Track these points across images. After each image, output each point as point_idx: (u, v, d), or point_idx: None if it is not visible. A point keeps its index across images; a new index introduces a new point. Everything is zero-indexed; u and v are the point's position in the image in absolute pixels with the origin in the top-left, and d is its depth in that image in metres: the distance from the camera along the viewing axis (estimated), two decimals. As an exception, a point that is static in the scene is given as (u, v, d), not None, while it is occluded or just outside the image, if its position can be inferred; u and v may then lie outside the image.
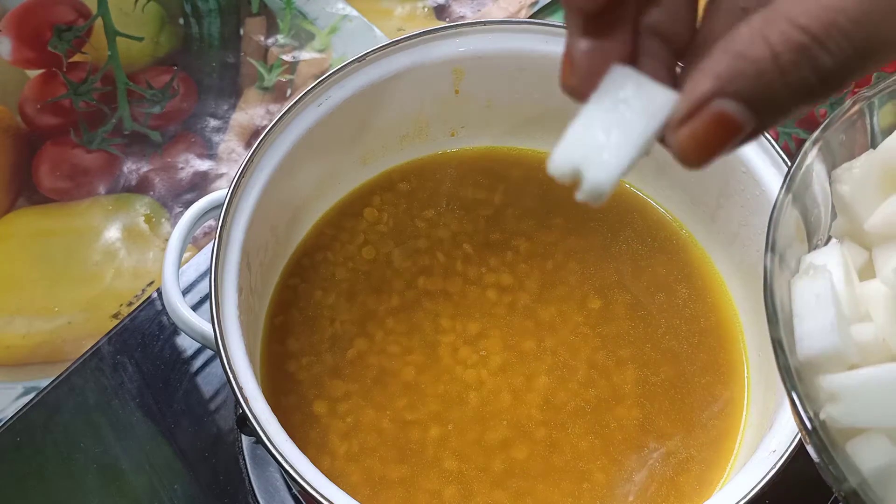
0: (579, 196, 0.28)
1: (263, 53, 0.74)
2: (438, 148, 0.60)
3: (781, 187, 0.36)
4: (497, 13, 0.75)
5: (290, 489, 0.54)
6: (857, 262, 0.36)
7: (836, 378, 0.32)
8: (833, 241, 0.38)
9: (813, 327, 0.33)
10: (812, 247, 0.38)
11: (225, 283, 0.47)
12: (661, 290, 0.55)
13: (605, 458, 0.50)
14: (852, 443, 0.32)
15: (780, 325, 0.33)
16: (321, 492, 0.41)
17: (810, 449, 0.33)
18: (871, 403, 0.32)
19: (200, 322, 0.48)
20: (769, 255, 0.35)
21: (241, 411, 0.43)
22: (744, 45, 0.25)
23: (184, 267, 0.62)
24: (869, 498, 0.32)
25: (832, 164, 0.38)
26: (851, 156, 0.38)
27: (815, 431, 0.32)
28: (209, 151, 0.70)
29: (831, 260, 0.35)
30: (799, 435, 0.43)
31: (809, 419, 0.32)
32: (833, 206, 0.37)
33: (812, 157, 0.37)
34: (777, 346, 0.33)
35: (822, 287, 0.34)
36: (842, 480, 0.32)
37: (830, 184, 0.37)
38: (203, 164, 0.69)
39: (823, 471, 0.32)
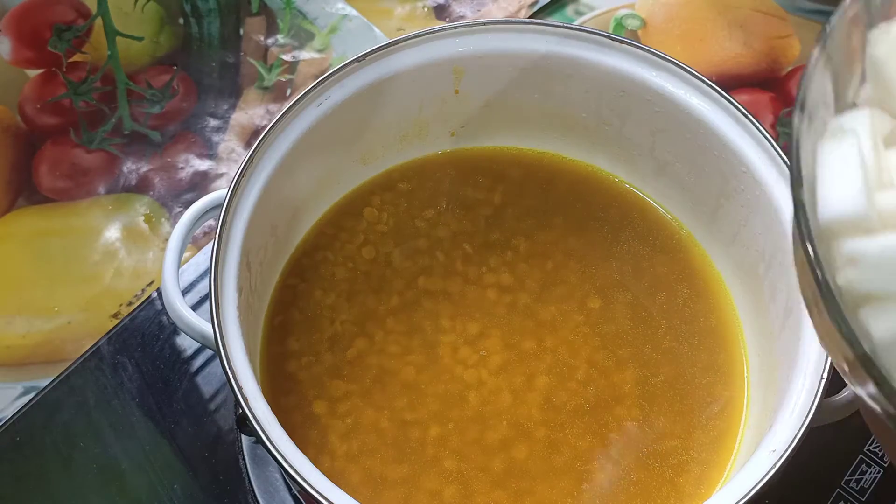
0: None
1: (263, 53, 0.74)
2: (438, 148, 0.60)
3: (816, 44, 0.35)
4: (497, 13, 0.75)
5: (289, 489, 0.54)
6: (883, 131, 0.35)
7: (858, 242, 0.31)
8: (862, 106, 0.36)
9: (837, 190, 0.32)
10: (839, 113, 0.37)
11: (225, 283, 0.47)
12: (662, 290, 0.55)
13: (604, 458, 0.50)
14: (866, 310, 0.32)
15: (804, 188, 0.32)
16: (321, 492, 0.41)
17: (824, 314, 0.32)
18: (891, 269, 0.31)
19: (200, 322, 0.48)
20: (798, 113, 0.33)
21: (240, 411, 0.43)
22: None
23: (184, 267, 0.62)
24: (881, 363, 0.31)
25: (869, 24, 0.35)
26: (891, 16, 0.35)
27: (832, 293, 0.31)
28: (209, 151, 0.70)
29: (860, 124, 0.34)
30: (799, 436, 0.43)
31: (826, 281, 0.31)
32: (863, 72, 0.35)
33: (849, 14, 0.35)
34: (800, 208, 0.32)
35: (849, 150, 0.33)
36: (854, 344, 0.31)
37: (865, 46, 0.35)
38: (203, 164, 0.69)
39: (831, 338, 0.32)
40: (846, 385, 0.47)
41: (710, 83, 0.52)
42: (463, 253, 0.56)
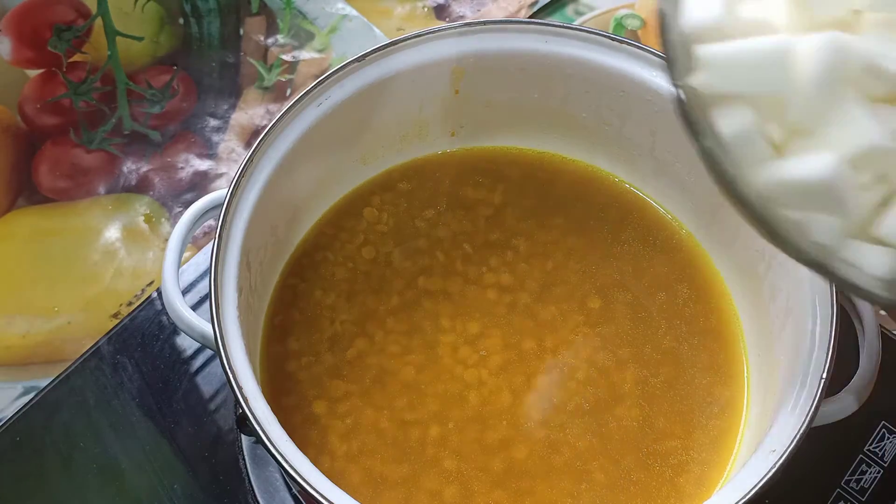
0: None
1: (263, 53, 0.75)
2: (438, 148, 0.60)
3: None
4: (497, 13, 0.75)
5: (289, 489, 0.54)
6: None
7: (710, 47, 0.34)
8: None
9: (701, 1, 0.35)
10: None
11: (225, 283, 0.47)
12: (662, 290, 0.55)
13: (604, 458, 0.50)
14: (718, 110, 0.34)
15: None
16: (321, 492, 0.41)
17: (679, 114, 0.35)
18: (738, 72, 0.34)
19: (200, 322, 0.48)
20: None
21: (240, 411, 0.44)
22: None
23: (184, 267, 0.62)
24: (722, 159, 0.34)
25: None
26: None
27: (683, 92, 0.34)
28: (209, 151, 0.70)
29: None
30: (799, 436, 0.43)
31: (680, 83, 0.34)
32: None
33: None
34: (662, 16, 0.35)
35: None
36: (702, 137, 0.34)
37: None
38: (203, 164, 0.69)
39: (691, 137, 0.35)
40: (846, 385, 0.47)
41: (710, 83, 0.52)
42: (463, 253, 0.56)
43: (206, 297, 0.61)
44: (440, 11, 0.76)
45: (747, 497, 0.41)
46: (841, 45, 0.32)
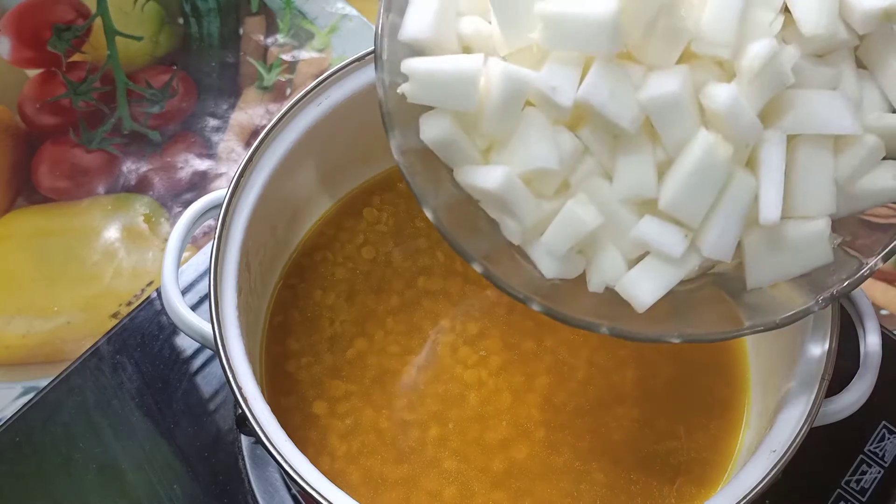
0: None
1: (263, 53, 0.74)
2: (438, 148, 0.60)
3: None
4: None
5: (289, 489, 0.54)
6: None
7: (412, 61, 0.37)
8: None
9: (417, 15, 0.38)
10: None
11: (224, 283, 0.47)
12: (661, 289, 0.55)
13: (604, 458, 0.50)
14: (424, 116, 0.38)
15: (393, 11, 0.38)
16: (321, 492, 0.41)
17: (382, 116, 0.38)
18: (435, 86, 0.37)
19: (200, 322, 0.48)
20: None
21: (240, 411, 0.43)
22: None
23: (183, 267, 0.62)
24: (416, 166, 0.39)
25: None
26: None
27: (386, 101, 0.38)
28: (209, 151, 0.70)
29: None
30: (799, 436, 0.43)
31: (384, 91, 0.38)
32: None
33: None
34: (381, 30, 0.38)
35: None
36: (400, 139, 0.38)
37: None
38: (202, 164, 0.69)
39: (390, 140, 0.38)
40: (846, 385, 0.47)
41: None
42: (463, 253, 0.56)
43: (206, 297, 0.60)
44: (440, 11, 0.76)
45: (747, 497, 0.41)
46: (516, 76, 0.36)
